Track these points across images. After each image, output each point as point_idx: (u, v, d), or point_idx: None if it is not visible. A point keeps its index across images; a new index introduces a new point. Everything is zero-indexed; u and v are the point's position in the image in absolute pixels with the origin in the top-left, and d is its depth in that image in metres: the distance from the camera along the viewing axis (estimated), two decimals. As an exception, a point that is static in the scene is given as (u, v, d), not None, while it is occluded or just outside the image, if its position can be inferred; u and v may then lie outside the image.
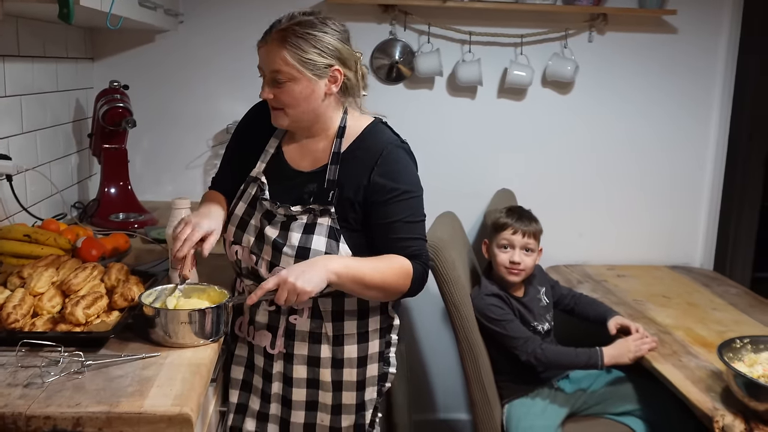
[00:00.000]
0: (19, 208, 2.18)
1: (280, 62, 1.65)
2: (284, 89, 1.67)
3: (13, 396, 1.30)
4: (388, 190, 1.70)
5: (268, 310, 1.78)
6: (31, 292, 1.62)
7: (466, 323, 2.34)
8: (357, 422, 1.83)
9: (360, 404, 1.82)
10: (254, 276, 1.77)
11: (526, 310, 2.46)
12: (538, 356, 2.33)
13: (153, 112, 2.95)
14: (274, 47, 1.66)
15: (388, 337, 1.86)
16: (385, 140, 1.76)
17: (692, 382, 2.05)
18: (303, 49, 1.65)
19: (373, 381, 1.84)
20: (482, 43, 3.02)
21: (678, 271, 3.16)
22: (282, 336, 1.78)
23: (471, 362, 2.36)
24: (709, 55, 3.15)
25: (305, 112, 1.71)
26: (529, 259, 2.46)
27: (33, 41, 2.34)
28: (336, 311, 1.77)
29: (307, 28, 1.66)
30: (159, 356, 1.50)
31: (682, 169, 3.24)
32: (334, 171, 1.73)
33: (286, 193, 1.75)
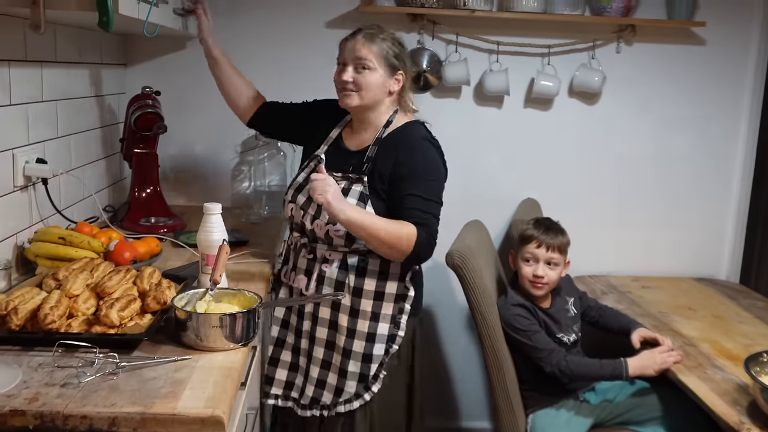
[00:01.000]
0: (53, 211, 2.22)
1: (366, 52, 2.06)
2: (363, 75, 2.07)
3: (51, 395, 1.33)
4: (409, 168, 2.05)
5: (307, 257, 2.15)
6: (66, 294, 1.66)
7: (492, 332, 2.34)
8: (362, 371, 2.10)
9: (367, 355, 2.10)
10: (300, 229, 2.18)
11: (552, 320, 2.46)
12: (563, 368, 2.33)
13: (183, 118, 2.99)
14: (363, 41, 2.07)
15: (401, 304, 2.13)
16: (417, 133, 2.14)
17: (718, 394, 2.04)
18: (384, 49, 2.08)
19: (382, 338, 2.11)
20: (510, 53, 3.04)
21: (704, 284, 3.14)
22: (315, 281, 2.12)
23: (496, 370, 2.36)
24: (738, 67, 3.13)
25: (372, 99, 2.10)
26: (553, 273, 2.45)
27: (69, 48, 2.40)
28: (360, 267, 2.09)
29: (390, 39, 2.11)
30: (191, 359, 1.53)
31: (709, 180, 3.23)
32: (373, 150, 2.11)
33: (335, 166, 2.12)
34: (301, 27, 2.98)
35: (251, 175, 3.00)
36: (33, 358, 1.49)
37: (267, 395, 2.24)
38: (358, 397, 2.11)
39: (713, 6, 3.04)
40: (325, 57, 2.42)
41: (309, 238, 2.15)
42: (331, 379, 2.13)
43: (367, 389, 2.11)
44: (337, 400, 2.13)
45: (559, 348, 2.38)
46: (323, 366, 2.14)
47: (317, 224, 2.09)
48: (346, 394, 2.11)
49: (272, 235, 2.63)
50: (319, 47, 2.98)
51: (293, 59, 3.00)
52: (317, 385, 2.15)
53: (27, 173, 2.06)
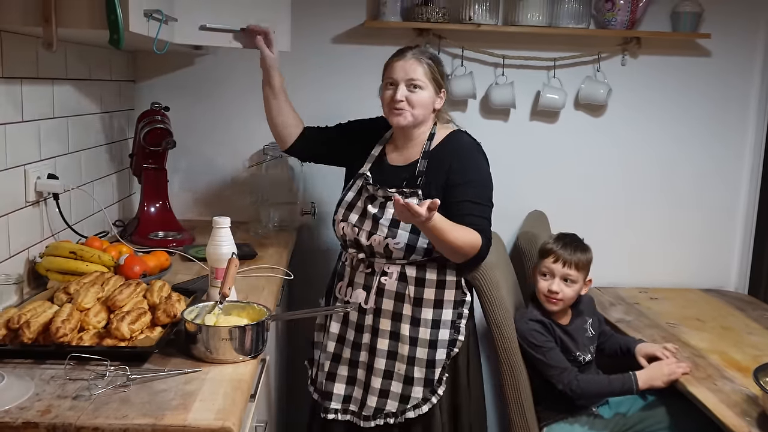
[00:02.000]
0: (64, 226, 2.24)
1: (419, 73, 2.18)
2: (416, 94, 2.19)
3: (63, 407, 1.35)
4: (462, 175, 2.17)
5: (365, 272, 2.25)
6: (78, 308, 1.68)
7: (508, 344, 2.33)
8: (427, 377, 2.20)
9: (431, 361, 2.20)
10: (356, 245, 2.26)
11: (569, 338, 2.44)
12: (574, 388, 2.33)
13: (191, 133, 3.02)
14: (413, 62, 2.19)
15: (460, 309, 2.24)
16: (465, 141, 2.29)
17: (727, 406, 2.04)
18: (434, 69, 2.22)
19: (444, 344, 2.22)
20: (515, 66, 3.06)
21: (712, 295, 3.14)
22: (374, 294, 2.22)
23: (511, 384, 2.35)
24: (744, 78, 3.14)
25: (422, 115, 2.22)
26: (568, 290, 2.43)
27: (80, 65, 2.43)
28: (419, 278, 2.20)
29: (433, 55, 2.29)
30: (201, 371, 1.54)
31: (715, 192, 3.23)
32: (424, 164, 2.22)
33: (385, 182, 2.23)
34: (307, 42, 3.01)
35: (259, 189, 3.02)
36: (45, 370, 1.50)
37: (326, 410, 2.30)
38: (426, 401, 2.21)
39: (718, 18, 3.06)
40: (333, 73, 2.46)
41: (366, 254, 2.24)
42: (395, 388, 2.22)
43: (433, 393, 2.21)
44: (404, 407, 2.22)
45: (571, 367, 2.37)
46: (386, 376, 2.23)
47: (374, 239, 2.20)
48: (413, 400, 2.21)
49: (281, 248, 2.65)
50: (327, 62, 3.01)
51: (300, 75, 3.02)
52: (380, 395, 2.23)
53: (39, 188, 2.09)
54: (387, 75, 2.23)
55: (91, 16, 1.72)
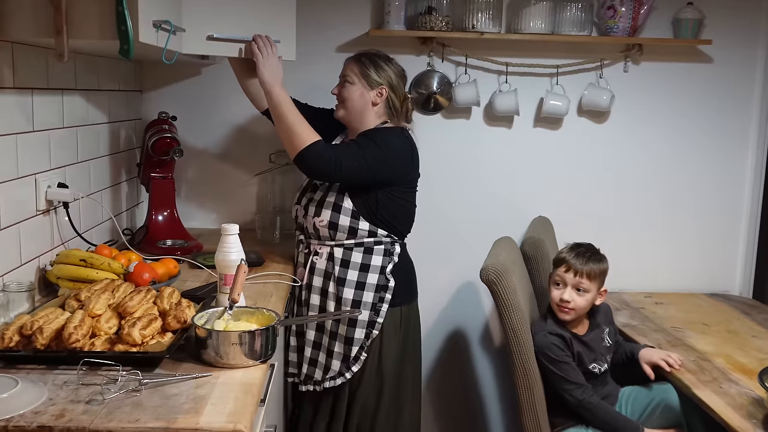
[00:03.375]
0: (74, 234, 2.27)
1: (348, 69, 2.40)
2: (344, 88, 2.40)
3: (77, 411, 1.37)
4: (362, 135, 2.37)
5: (304, 252, 2.46)
6: (89, 314, 1.70)
7: (524, 349, 2.32)
8: (345, 352, 2.38)
9: (349, 338, 2.37)
10: (301, 227, 2.47)
11: (586, 349, 2.44)
12: (585, 405, 2.33)
13: (198, 142, 3.05)
14: (350, 61, 2.43)
15: (382, 293, 2.38)
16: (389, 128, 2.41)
17: (733, 408, 2.05)
18: (366, 66, 2.38)
19: (363, 324, 2.36)
20: (518, 74, 3.08)
21: (717, 299, 3.15)
22: (308, 272, 2.42)
23: (525, 389, 2.34)
24: (746, 83, 3.17)
25: (353, 109, 2.40)
26: (580, 299, 2.41)
27: (89, 76, 2.46)
28: (344, 260, 2.37)
29: (376, 58, 2.42)
30: (211, 376, 1.56)
31: (719, 196, 3.25)
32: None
33: None
34: (312, 51, 3.04)
35: (266, 197, 3.05)
36: (58, 376, 1.52)
37: (287, 375, 2.54)
38: (341, 375, 2.40)
39: (719, 24, 3.09)
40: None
41: (305, 235, 2.46)
42: (321, 358, 2.44)
43: (348, 368, 2.39)
44: (324, 376, 2.43)
45: (586, 384, 2.37)
46: (314, 347, 2.45)
47: (307, 219, 2.40)
48: (331, 372, 2.41)
49: (288, 255, 2.67)
50: (331, 71, 3.01)
51: (306, 83, 3.05)
52: (309, 363, 2.46)
53: (49, 197, 2.11)
54: None
55: (101, 27, 1.75)
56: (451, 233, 3.17)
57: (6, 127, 1.88)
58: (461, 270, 3.15)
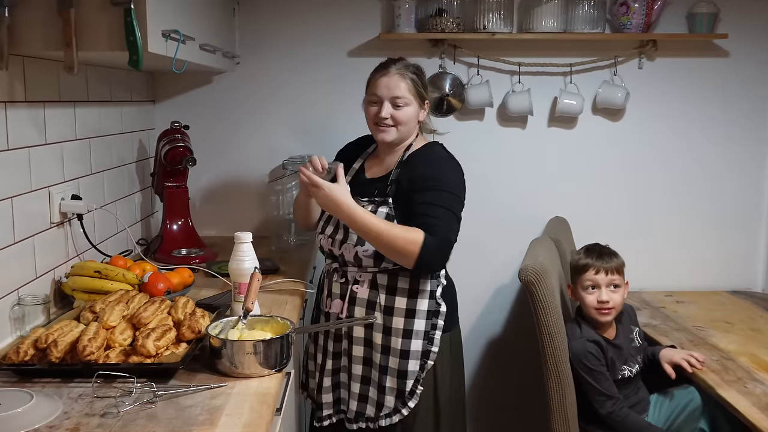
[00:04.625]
0: (88, 246, 2.27)
1: (403, 89, 2.16)
2: (401, 111, 2.16)
3: (92, 425, 1.36)
4: (424, 181, 2.11)
5: (339, 282, 2.22)
6: (104, 326, 1.69)
7: (558, 353, 2.29)
8: (399, 387, 2.16)
9: (402, 372, 2.15)
10: (332, 257, 2.24)
11: (618, 352, 2.41)
12: (615, 418, 2.31)
13: (211, 151, 3.05)
14: (397, 78, 2.16)
15: (434, 320, 2.17)
16: (436, 150, 2.25)
17: (759, 408, 2.01)
18: (417, 83, 2.18)
19: (417, 355, 2.15)
20: (531, 73, 3.06)
21: (739, 296, 3.10)
22: (347, 302, 2.19)
23: (557, 392, 2.31)
24: (763, 77, 3.12)
25: (408, 130, 2.20)
26: (616, 296, 2.41)
27: (100, 87, 2.46)
28: (390, 286, 2.15)
29: (417, 71, 2.22)
30: (226, 386, 1.55)
31: (738, 191, 3.20)
32: (396, 173, 2.20)
33: (361, 193, 2.18)
34: (323, 57, 3.03)
35: (280, 204, 3.04)
36: (73, 389, 1.52)
37: (320, 419, 2.31)
38: (397, 412, 2.17)
39: (735, 17, 3.04)
40: (350, 85, 2.48)
41: (340, 263, 2.22)
42: (372, 394, 2.21)
43: (404, 404, 2.16)
44: (378, 413, 2.20)
45: (618, 396, 2.34)
46: (363, 382, 2.23)
47: (345, 247, 2.16)
48: (386, 409, 2.19)
49: (302, 262, 2.66)
50: (343, 75, 3.03)
51: (317, 89, 3.05)
52: (360, 399, 2.24)
53: (63, 210, 2.11)
54: (371, 91, 2.20)
55: (110, 38, 1.75)
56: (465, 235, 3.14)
57: (18, 141, 1.89)
58: (476, 271, 3.13)
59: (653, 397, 2.49)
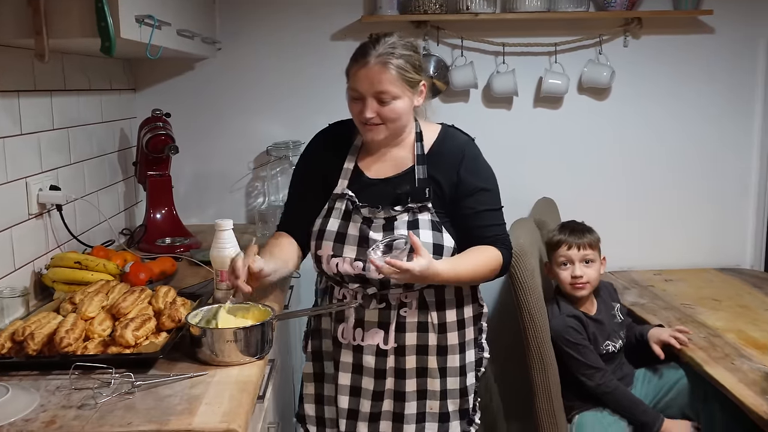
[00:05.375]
0: (69, 237, 2.25)
1: (386, 83, 1.80)
2: (390, 107, 1.83)
3: (68, 417, 1.34)
4: (474, 184, 1.89)
5: (378, 308, 1.90)
6: (82, 317, 1.67)
7: (539, 332, 2.28)
8: (462, 407, 1.97)
9: (463, 389, 1.97)
10: (361, 279, 1.87)
11: (599, 327, 2.42)
12: (604, 389, 2.32)
13: (195, 138, 3.02)
14: (379, 69, 1.79)
15: (480, 324, 2.02)
16: (463, 140, 1.97)
17: (746, 385, 2.01)
18: (405, 69, 1.82)
19: (472, 366, 2.00)
20: (516, 54, 3.03)
21: (728, 273, 3.10)
22: (395, 330, 1.90)
23: (540, 372, 2.30)
24: (749, 52, 3.10)
25: (402, 125, 1.89)
26: (590, 270, 2.43)
27: (78, 76, 2.43)
28: (438, 301, 1.92)
29: (403, 50, 1.83)
30: (207, 375, 1.53)
31: (726, 169, 3.19)
32: (423, 170, 1.90)
33: (375, 200, 1.89)
34: (306, 41, 3.00)
35: (265, 191, 3.02)
36: (50, 381, 1.50)
37: None
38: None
39: (719, -7, 3.02)
40: (333, 69, 2.42)
41: (377, 287, 1.86)
42: (431, 429, 1.95)
43: (471, 423, 1.99)
44: None
45: (605, 367, 2.35)
46: (418, 420, 1.94)
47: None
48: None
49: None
50: (326, 60, 2.99)
51: (301, 74, 3.02)
52: None
53: (41, 201, 2.09)
54: (351, 84, 1.86)
55: (81, 24, 1.73)
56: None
57: (-9, 131, 1.86)
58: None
59: (640, 373, 2.49)
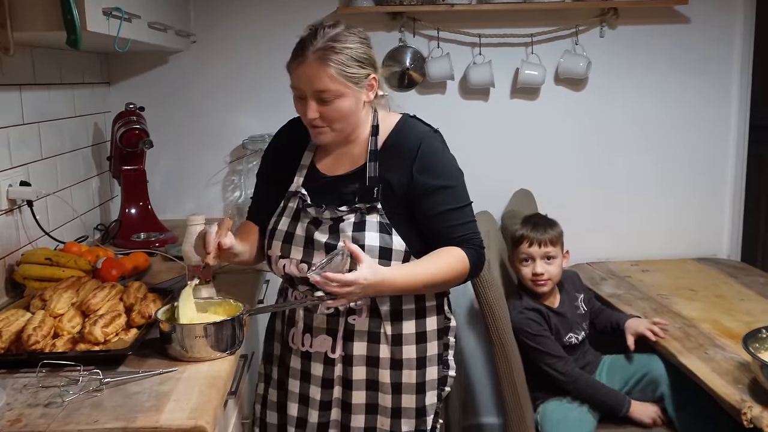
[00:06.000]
0: (41, 233, 2.22)
1: (326, 81, 1.65)
2: (332, 106, 1.68)
3: (34, 416, 1.33)
4: (430, 183, 1.73)
5: (326, 314, 1.78)
6: (51, 314, 1.65)
7: (501, 324, 2.28)
8: (418, 428, 1.81)
9: (420, 408, 1.81)
10: (308, 282, 1.71)
11: (562, 321, 2.43)
12: (569, 378, 2.33)
13: (170, 132, 2.99)
14: (316, 66, 1.65)
15: (446, 339, 1.86)
16: (419, 133, 1.78)
17: (719, 374, 2.01)
18: (346, 64, 1.66)
19: (433, 384, 1.83)
20: (492, 45, 3.02)
21: (704, 263, 3.11)
22: (341, 338, 1.78)
23: (503, 363, 2.30)
24: (725, 42, 3.10)
25: (350, 125, 1.74)
26: (552, 267, 2.42)
27: (49, 69, 2.40)
28: (394, 311, 1.78)
29: (344, 43, 1.67)
30: (176, 371, 1.52)
31: (703, 159, 3.20)
32: (374, 168, 1.75)
33: (327, 199, 1.76)
34: (281, 34, 2.94)
35: (241, 184, 3.00)
36: (18, 379, 1.48)
37: None
38: None
39: (694, -17, 3.02)
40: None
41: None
42: None
43: None
44: None
45: (568, 356, 2.37)
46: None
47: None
48: None
49: (263, 243, 2.62)
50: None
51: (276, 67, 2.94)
52: None
53: (11, 196, 2.06)
54: (292, 82, 1.72)
55: (47, 17, 1.70)
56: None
57: (-43, 127, 1.83)
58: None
59: (609, 360, 2.50)
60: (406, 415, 1.80)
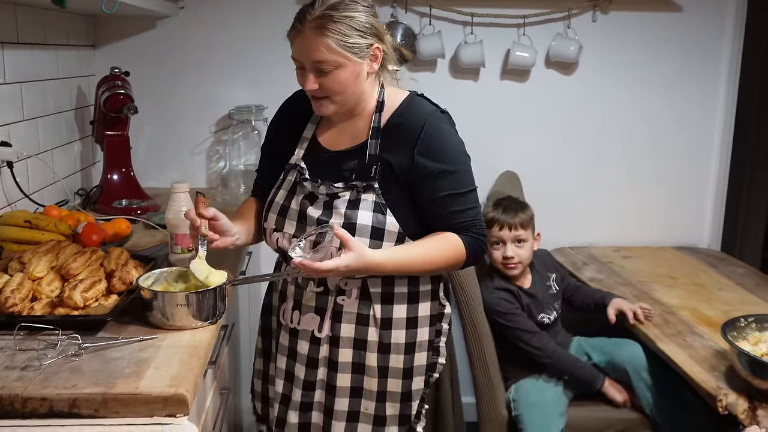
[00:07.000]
0: (21, 195, 2.18)
1: (324, 51, 1.60)
2: (331, 77, 1.63)
3: (11, 378, 1.31)
4: (432, 167, 1.67)
5: (316, 291, 1.74)
6: (30, 277, 1.63)
7: (472, 305, 2.32)
8: (402, 412, 1.79)
9: (406, 393, 1.78)
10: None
11: (533, 301, 2.45)
12: (545, 353, 2.35)
13: (155, 99, 2.94)
14: (314, 36, 1.59)
15: (438, 325, 1.81)
16: (424, 113, 1.71)
17: (696, 361, 2.04)
18: (345, 34, 1.60)
19: (421, 370, 1.79)
20: (484, 24, 3.00)
21: (684, 252, 3.14)
22: (329, 318, 1.74)
23: (474, 342, 2.35)
24: (716, 31, 3.10)
25: (352, 96, 1.69)
26: (522, 251, 2.44)
27: (33, 29, 2.34)
28: (386, 293, 1.73)
29: (343, 11, 1.60)
30: (157, 338, 1.50)
31: (688, 148, 3.20)
32: (375, 146, 1.70)
33: (326, 174, 1.72)
34: (271, 3, 2.92)
35: (226, 155, 2.97)
36: (-5, 342, 1.46)
37: None
38: None
39: (689, -28, 3.01)
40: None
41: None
42: (363, 430, 1.79)
43: (411, 431, 1.82)
44: None
45: (542, 332, 2.39)
46: (349, 419, 1.78)
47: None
48: None
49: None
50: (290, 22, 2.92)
51: (265, 35, 2.94)
52: None
53: (-10, 156, 2.02)
54: (292, 52, 1.67)
55: (33, -26, 1.66)
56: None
57: (-63, 82, 1.79)
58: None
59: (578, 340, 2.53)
60: (391, 398, 1.77)
